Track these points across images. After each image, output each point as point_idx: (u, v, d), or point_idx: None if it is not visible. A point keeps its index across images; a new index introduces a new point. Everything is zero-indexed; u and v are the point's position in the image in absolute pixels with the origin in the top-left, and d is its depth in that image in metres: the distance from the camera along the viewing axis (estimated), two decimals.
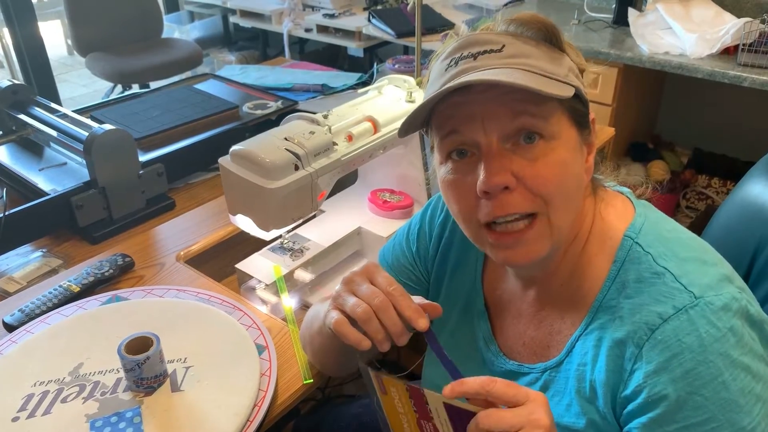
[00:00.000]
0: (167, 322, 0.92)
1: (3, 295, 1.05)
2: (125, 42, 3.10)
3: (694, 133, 2.64)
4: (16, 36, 3.01)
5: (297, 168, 0.96)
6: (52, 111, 1.36)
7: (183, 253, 1.14)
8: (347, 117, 1.07)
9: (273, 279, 1.06)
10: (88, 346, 0.88)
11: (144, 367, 0.78)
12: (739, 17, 2.10)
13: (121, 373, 0.82)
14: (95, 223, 1.19)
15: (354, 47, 2.94)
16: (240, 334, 0.90)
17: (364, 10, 3.02)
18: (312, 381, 0.86)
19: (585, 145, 0.64)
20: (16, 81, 1.43)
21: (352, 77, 1.86)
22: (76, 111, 1.42)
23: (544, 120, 0.59)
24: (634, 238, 0.63)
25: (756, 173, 0.88)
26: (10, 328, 0.94)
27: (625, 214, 0.66)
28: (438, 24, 2.62)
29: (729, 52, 2.02)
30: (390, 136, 1.10)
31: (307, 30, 3.07)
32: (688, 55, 2.03)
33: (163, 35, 3.32)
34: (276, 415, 0.83)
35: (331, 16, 2.98)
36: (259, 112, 1.53)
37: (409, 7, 1.55)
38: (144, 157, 1.28)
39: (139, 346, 0.80)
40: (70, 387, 0.82)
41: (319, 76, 1.89)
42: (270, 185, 0.92)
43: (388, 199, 1.22)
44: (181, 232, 1.20)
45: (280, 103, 1.58)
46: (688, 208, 2.52)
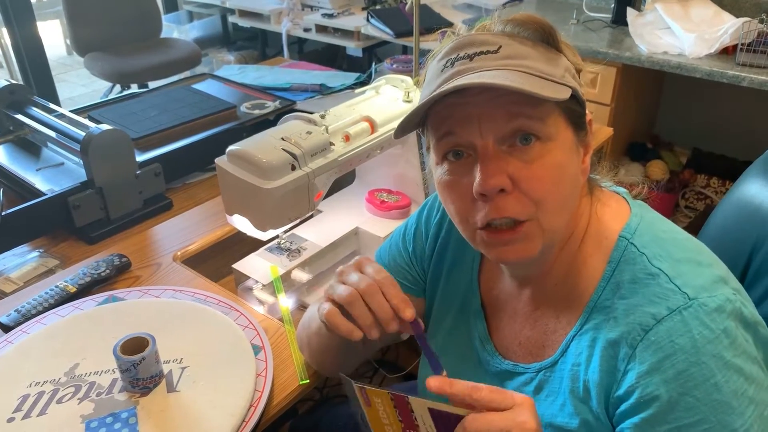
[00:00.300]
0: (163, 322, 0.92)
1: (0, 295, 1.06)
2: (124, 42, 3.10)
3: (693, 132, 2.64)
4: (15, 36, 3.01)
5: (294, 168, 0.95)
6: (50, 111, 1.36)
7: (180, 253, 1.14)
8: (344, 117, 1.07)
9: (270, 279, 1.06)
10: (83, 347, 0.88)
11: (139, 367, 0.78)
12: (737, 17, 2.10)
13: (117, 373, 0.82)
14: (92, 224, 1.19)
15: (353, 47, 2.93)
16: (236, 335, 0.90)
17: (363, 9, 3.02)
18: (308, 381, 0.86)
19: (581, 146, 0.64)
20: (15, 81, 1.43)
21: (351, 77, 1.86)
22: (74, 111, 1.42)
23: (541, 121, 0.59)
24: (629, 239, 0.63)
25: (752, 173, 0.88)
26: (6, 328, 0.94)
27: (621, 214, 0.66)
28: (436, 24, 2.62)
29: (728, 52, 2.02)
30: (387, 136, 1.10)
31: (306, 30, 3.07)
32: (686, 54, 2.03)
33: (162, 35, 3.32)
34: (272, 415, 0.82)
35: (330, 16, 2.98)
36: (256, 112, 1.53)
37: (407, 7, 1.55)
38: (141, 157, 1.28)
39: (135, 346, 0.79)
40: (65, 387, 0.81)
41: (318, 76, 1.89)
42: (267, 185, 0.92)
43: (386, 199, 1.22)
44: (178, 233, 1.20)
45: (278, 103, 1.58)
46: (687, 208, 2.52)
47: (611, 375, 0.59)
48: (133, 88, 3.10)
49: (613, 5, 2.39)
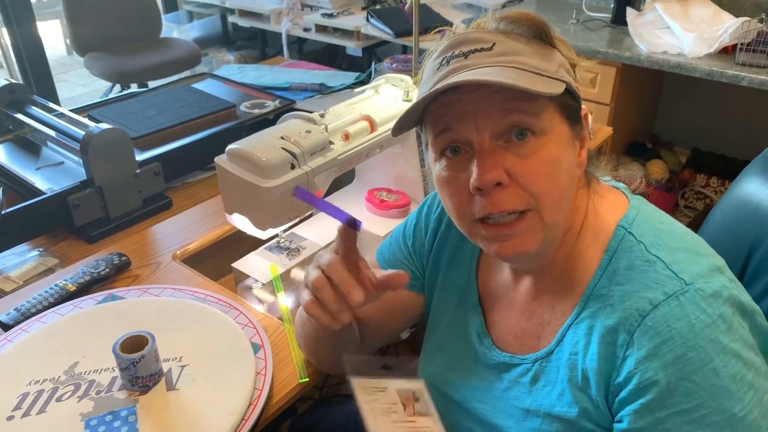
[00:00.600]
0: (163, 321, 0.92)
1: None
2: (124, 42, 3.10)
3: (693, 132, 2.64)
4: (15, 36, 3.01)
5: (293, 167, 0.96)
6: (49, 110, 1.36)
7: (179, 252, 1.14)
8: (344, 116, 1.07)
9: (269, 278, 1.06)
10: (83, 345, 0.88)
11: (139, 365, 0.78)
12: (737, 17, 2.10)
13: (117, 371, 0.82)
14: (92, 223, 1.19)
15: (352, 47, 2.94)
16: (236, 333, 0.90)
17: (363, 9, 3.02)
18: (307, 380, 0.86)
19: (577, 140, 0.65)
20: (14, 80, 1.43)
21: (350, 76, 1.86)
22: (74, 110, 1.42)
23: (536, 116, 0.59)
24: (627, 228, 0.63)
25: (751, 172, 0.88)
26: (6, 327, 0.94)
27: (619, 206, 0.67)
28: (436, 23, 2.62)
29: (727, 52, 2.02)
30: (387, 135, 1.10)
31: (306, 29, 3.07)
32: (686, 54, 2.03)
33: (162, 35, 3.32)
34: (271, 414, 0.83)
35: (330, 16, 2.98)
36: (256, 112, 1.53)
37: (407, 7, 1.55)
38: (141, 157, 1.28)
39: (135, 345, 0.80)
40: (65, 386, 0.82)
41: (317, 75, 1.89)
42: (266, 184, 0.92)
43: (385, 198, 1.22)
44: (177, 231, 1.20)
45: (277, 102, 1.58)
46: (686, 208, 2.52)
47: (610, 362, 0.59)
48: (133, 88, 3.10)
49: (612, 5, 2.39)
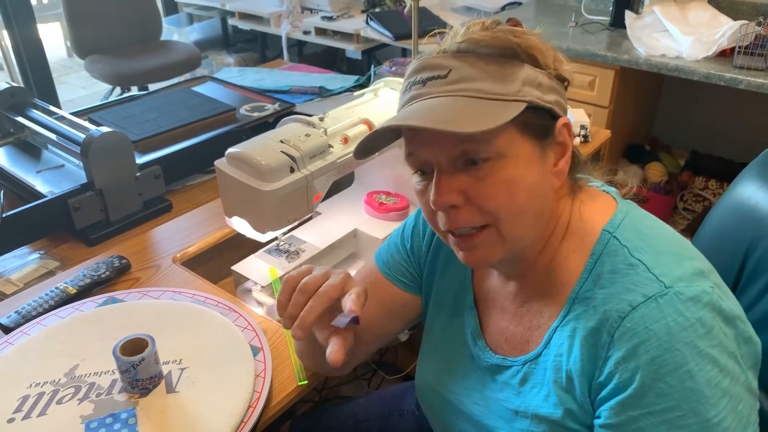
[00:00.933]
0: (163, 323, 0.93)
1: (0, 296, 1.06)
2: (124, 44, 3.10)
3: (691, 135, 2.64)
4: (16, 38, 3.02)
5: (292, 170, 0.96)
6: (50, 113, 1.36)
7: (179, 255, 1.15)
8: (343, 119, 1.08)
9: (269, 281, 1.06)
10: (83, 348, 0.89)
11: (139, 368, 0.79)
12: (735, 20, 2.11)
13: (117, 374, 0.82)
14: (92, 225, 1.19)
15: (352, 49, 2.94)
16: (235, 336, 0.91)
17: (362, 12, 3.03)
18: (306, 382, 0.87)
19: (550, 151, 0.65)
20: (15, 83, 1.44)
21: (350, 79, 1.87)
22: (74, 113, 1.43)
23: (487, 143, 0.60)
24: (612, 233, 0.64)
25: (748, 175, 0.89)
26: (7, 329, 0.94)
27: (607, 210, 0.67)
28: (435, 26, 2.63)
29: (725, 55, 2.03)
30: None
31: (306, 32, 3.08)
32: (684, 57, 2.04)
33: (162, 37, 3.33)
34: (270, 416, 0.83)
35: (330, 19, 2.99)
36: (256, 115, 1.53)
37: (406, 10, 1.56)
38: (141, 160, 1.28)
39: (135, 347, 0.80)
40: (65, 388, 0.82)
41: (317, 78, 1.89)
42: (265, 187, 0.92)
43: (384, 201, 1.23)
44: (177, 234, 1.21)
45: (277, 105, 1.59)
46: (685, 210, 2.53)
47: (593, 362, 0.60)
48: (133, 91, 3.11)
49: (611, 8, 2.40)
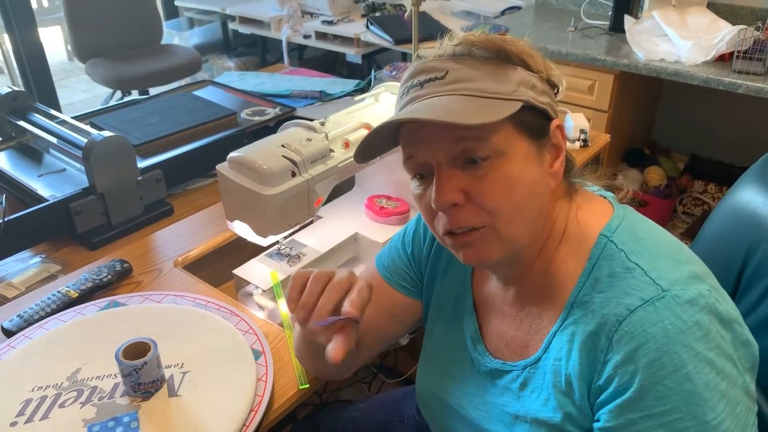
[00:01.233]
0: (165, 327, 0.93)
1: (2, 300, 1.06)
2: (125, 48, 3.11)
3: (690, 139, 2.65)
4: (17, 42, 3.03)
5: (294, 175, 0.97)
6: (52, 117, 1.37)
7: (181, 258, 1.15)
8: (344, 124, 1.08)
9: (270, 285, 1.07)
10: (85, 352, 0.89)
11: (141, 372, 0.79)
12: (733, 24, 2.12)
13: (119, 378, 0.83)
14: (94, 229, 1.20)
15: (352, 54, 2.95)
16: (237, 340, 0.91)
17: (363, 17, 3.03)
18: (308, 386, 0.87)
19: (546, 152, 0.66)
20: (16, 87, 1.44)
21: (350, 84, 1.87)
22: (75, 117, 1.43)
23: (485, 141, 0.62)
24: (609, 237, 0.65)
25: (747, 179, 0.89)
26: (9, 333, 0.94)
27: (603, 215, 0.68)
28: (435, 31, 2.63)
29: (724, 59, 2.04)
30: None
31: (306, 36, 3.08)
32: (683, 62, 2.04)
33: (163, 41, 3.34)
34: (272, 420, 0.83)
35: (330, 23, 3.00)
36: (257, 119, 1.54)
37: (406, 15, 1.56)
38: (142, 164, 1.29)
39: (137, 351, 0.80)
40: (67, 392, 0.82)
41: (317, 82, 1.90)
42: (267, 192, 0.93)
43: (385, 206, 1.23)
44: (179, 238, 1.21)
45: (278, 109, 1.59)
46: (684, 214, 2.53)
47: (592, 366, 0.61)
48: (134, 95, 3.12)
49: (610, 12, 2.41)
